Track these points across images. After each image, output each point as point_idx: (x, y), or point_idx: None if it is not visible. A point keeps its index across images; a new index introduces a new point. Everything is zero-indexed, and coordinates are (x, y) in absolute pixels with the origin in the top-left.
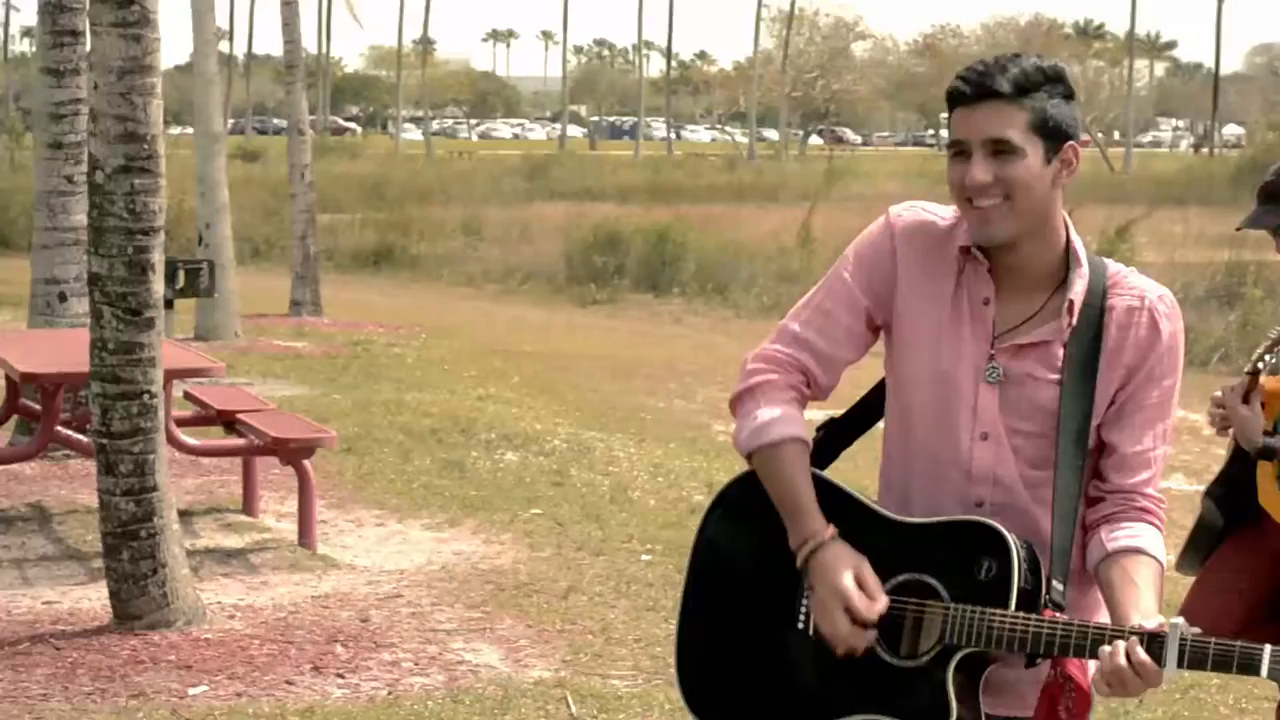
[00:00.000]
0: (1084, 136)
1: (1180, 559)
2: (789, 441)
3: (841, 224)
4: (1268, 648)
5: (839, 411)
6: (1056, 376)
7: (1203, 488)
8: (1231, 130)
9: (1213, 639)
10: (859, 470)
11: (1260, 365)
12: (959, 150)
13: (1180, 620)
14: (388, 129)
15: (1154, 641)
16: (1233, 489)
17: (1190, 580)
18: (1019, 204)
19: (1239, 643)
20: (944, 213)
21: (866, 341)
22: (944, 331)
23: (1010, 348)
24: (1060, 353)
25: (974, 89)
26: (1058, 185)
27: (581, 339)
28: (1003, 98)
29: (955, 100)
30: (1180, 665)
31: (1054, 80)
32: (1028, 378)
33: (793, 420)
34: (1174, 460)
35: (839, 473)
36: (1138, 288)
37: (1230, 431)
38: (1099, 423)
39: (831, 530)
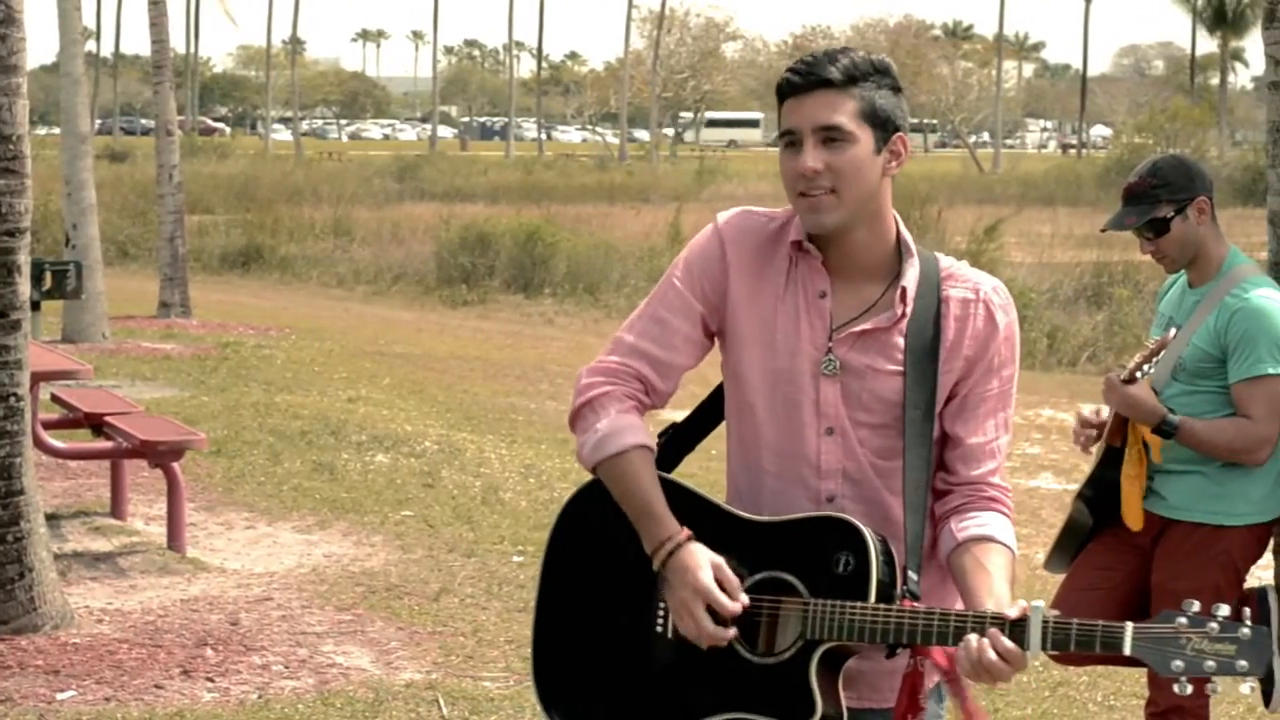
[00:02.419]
0: (911, 131)
1: (1049, 558)
2: (632, 449)
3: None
4: (1130, 625)
5: (679, 417)
6: (897, 367)
7: (1071, 486)
8: (1099, 131)
9: (1075, 620)
10: (706, 473)
11: (1138, 375)
12: (790, 140)
13: (1040, 603)
14: (257, 129)
15: (1015, 626)
16: (1102, 491)
17: (1059, 579)
18: (849, 191)
19: (1101, 622)
20: (773, 212)
21: (703, 347)
22: (779, 329)
23: (847, 338)
24: (900, 343)
25: (804, 78)
26: (887, 175)
27: (452, 340)
28: (833, 86)
29: (786, 91)
30: (1044, 647)
31: (882, 72)
32: (868, 369)
33: (634, 429)
34: (1042, 459)
35: (682, 478)
36: (971, 280)
37: (1104, 430)
38: (939, 412)
39: (686, 532)
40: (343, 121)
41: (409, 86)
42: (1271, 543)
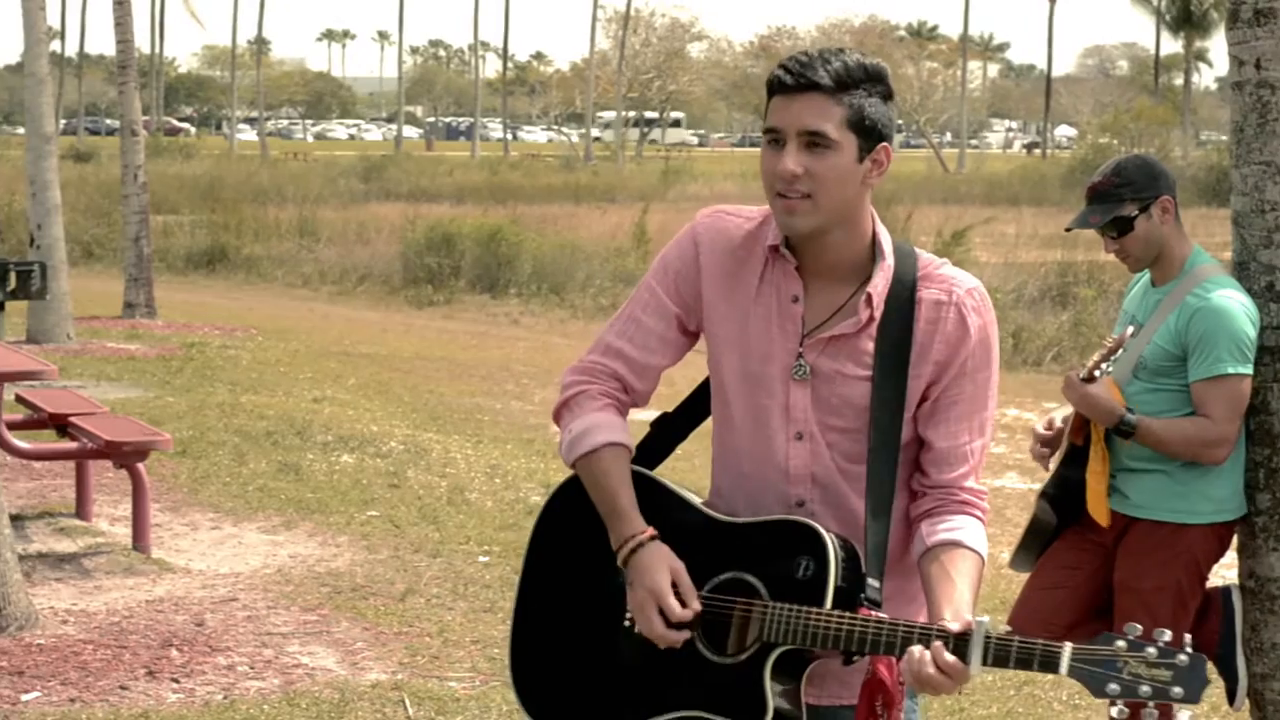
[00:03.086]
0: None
1: (1014, 557)
2: (605, 448)
3: (677, 224)
4: (1068, 646)
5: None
6: (866, 373)
7: (1036, 485)
8: (1064, 131)
9: (1017, 637)
10: (696, 471)
11: (1097, 373)
12: (774, 138)
13: (985, 619)
14: (222, 129)
15: (960, 640)
16: (1065, 490)
17: (1024, 577)
18: (826, 198)
19: (1040, 641)
20: (750, 213)
21: (682, 346)
22: (751, 331)
23: (817, 342)
24: (869, 348)
25: (795, 79)
26: (867, 184)
27: (418, 340)
28: (823, 91)
29: (775, 88)
30: (985, 663)
31: (875, 79)
32: (837, 374)
33: (608, 427)
34: (1007, 459)
35: (676, 470)
36: (947, 281)
37: (1060, 443)
38: (912, 416)
39: (649, 532)
40: (308, 122)
41: (374, 87)
42: (1234, 541)
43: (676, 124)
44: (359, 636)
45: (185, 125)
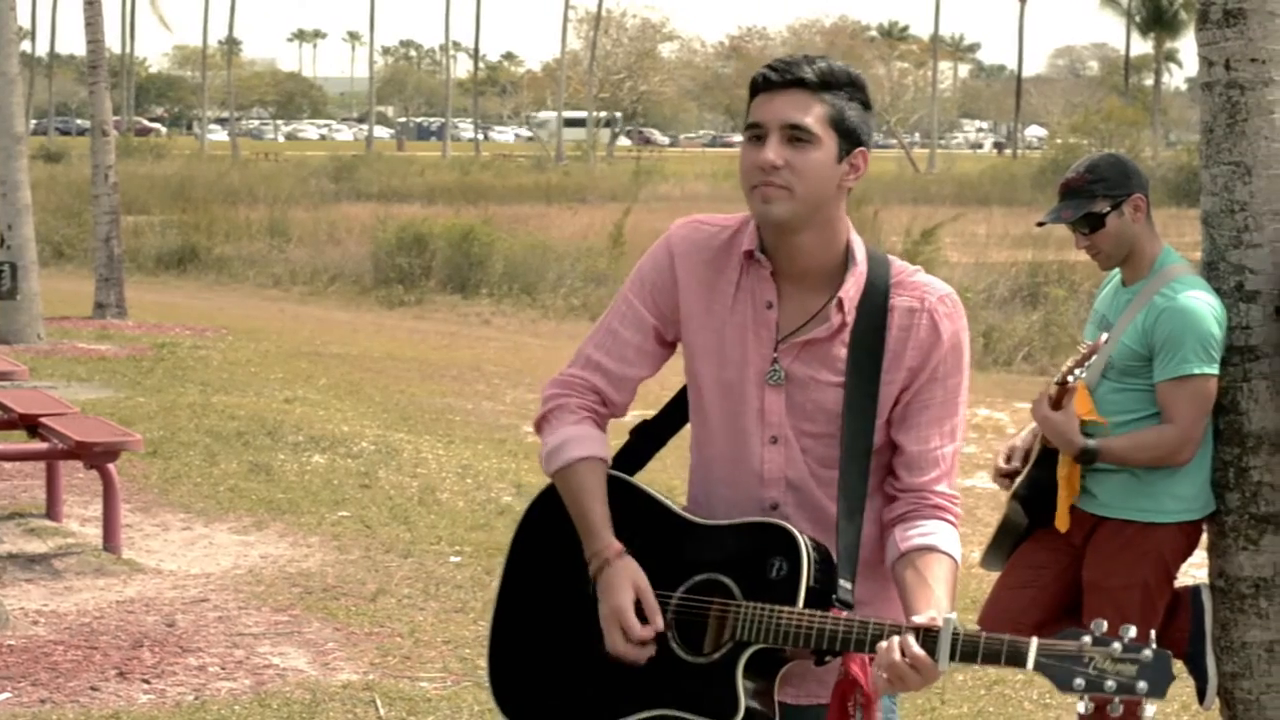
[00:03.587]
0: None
1: (985, 556)
2: (579, 462)
3: (650, 225)
4: (1034, 641)
5: (651, 413)
6: (839, 378)
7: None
8: (1034, 131)
9: (984, 633)
10: (667, 471)
11: (1069, 379)
12: (755, 135)
13: (953, 615)
14: (193, 130)
15: (929, 636)
16: (1037, 491)
17: (995, 576)
18: (803, 191)
19: (1007, 637)
20: (725, 221)
21: (660, 356)
22: (727, 339)
23: (791, 348)
24: (843, 354)
25: (780, 75)
26: (843, 187)
27: (389, 340)
28: (806, 87)
29: (760, 87)
30: (953, 659)
31: (856, 86)
32: (811, 380)
33: (583, 440)
34: (978, 459)
35: (654, 473)
36: (920, 288)
37: (1034, 439)
38: (886, 421)
39: (617, 548)
40: (279, 122)
41: (345, 87)
42: (1203, 540)
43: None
44: (330, 637)
45: (156, 125)
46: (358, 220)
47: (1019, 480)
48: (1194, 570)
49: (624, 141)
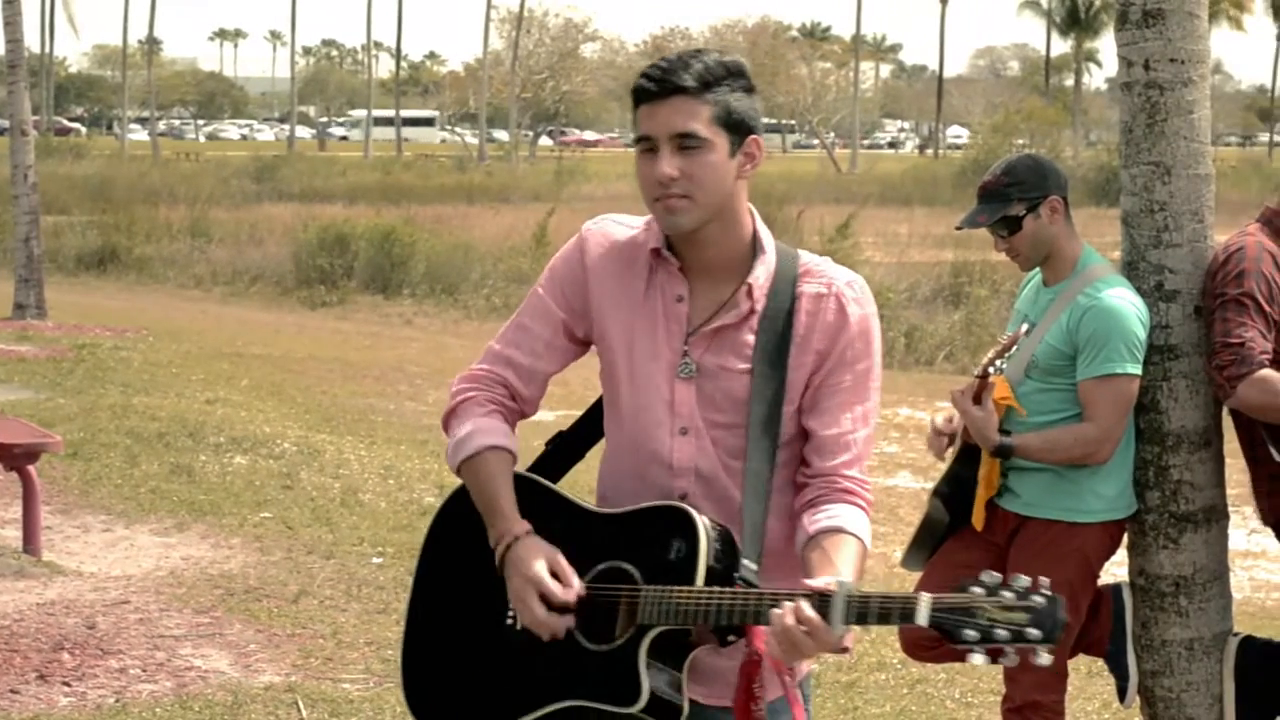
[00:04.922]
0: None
1: (906, 555)
2: (485, 451)
3: (574, 225)
4: (926, 596)
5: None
6: (747, 366)
7: (928, 484)
8: (955, 132)
9: (877, 593)
10: (591, 473)
11: (990, 370)
12: (647, 146)
13: (848, 579)
14: (113, 130)
15: (824, 600)
16: (958, 488)
17: (917, 577)
18: (704, 196)
19: (900, 594)
20: (636, 222)
21: (569, 352)
22: (638, 334)
23: (701, 338)
24: (751, 341)
25: (659, 85)
26: (742, 178)
27: (311, 341)
28: (687, 93)
29: (641, 97)
30: (847, 621)
31: (736, 75)
32: (720, 369)
33: (490, 431)
34: (900, 458)
35: (578, 474)
36: (827, 275)
37: (956, 436)
38: (797, 410)
39: (525, 526)
40: (200, 122)
41: (267, 86)
42: (1125, 539)
43: (430, 122)
44: (252, 638)
45: (76, 125)
46: (279, 220)
47: (940, 477)
48: (1115, 569)
49: (545, 141)
